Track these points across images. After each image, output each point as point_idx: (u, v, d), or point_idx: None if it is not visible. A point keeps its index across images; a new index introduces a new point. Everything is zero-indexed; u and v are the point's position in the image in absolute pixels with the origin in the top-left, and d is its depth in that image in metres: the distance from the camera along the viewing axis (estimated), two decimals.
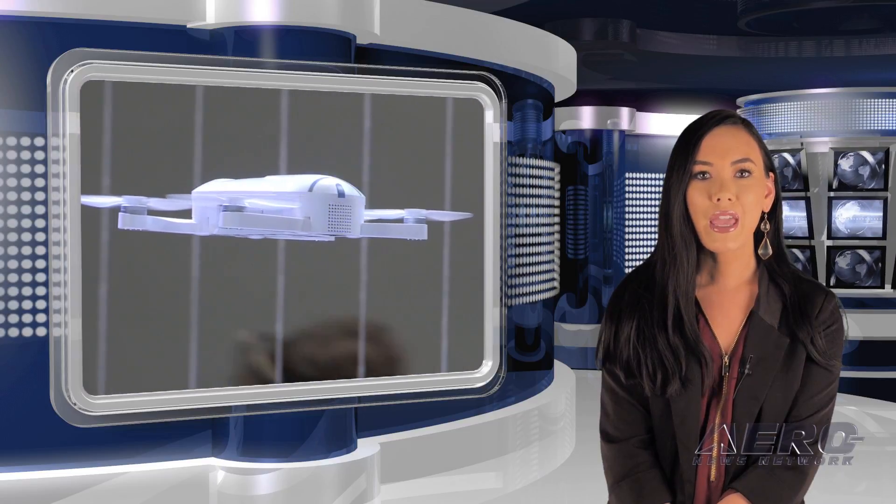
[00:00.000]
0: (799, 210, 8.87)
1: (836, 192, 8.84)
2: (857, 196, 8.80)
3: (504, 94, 4.88)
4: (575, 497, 5.59)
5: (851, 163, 8.78)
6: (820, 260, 8.86)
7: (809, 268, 8.79)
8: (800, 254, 8.86)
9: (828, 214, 8.82)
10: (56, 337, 4.03)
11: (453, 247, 4.78)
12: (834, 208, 8.81)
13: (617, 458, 2.05)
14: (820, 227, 8.88)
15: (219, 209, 4.21)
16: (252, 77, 4.30)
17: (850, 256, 8.77)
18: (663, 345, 1.97)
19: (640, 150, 10.20)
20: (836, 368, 2.01)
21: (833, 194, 8.85)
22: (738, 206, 1.94)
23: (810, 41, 9.77)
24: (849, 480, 5.82)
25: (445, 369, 4.82)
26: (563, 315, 9.82)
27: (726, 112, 2.03)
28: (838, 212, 8.81)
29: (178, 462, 4.37)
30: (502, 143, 4.90)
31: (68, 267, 4.01)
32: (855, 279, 8.76)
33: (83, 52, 4.03)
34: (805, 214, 8.84)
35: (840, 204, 8.81)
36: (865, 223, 8.80)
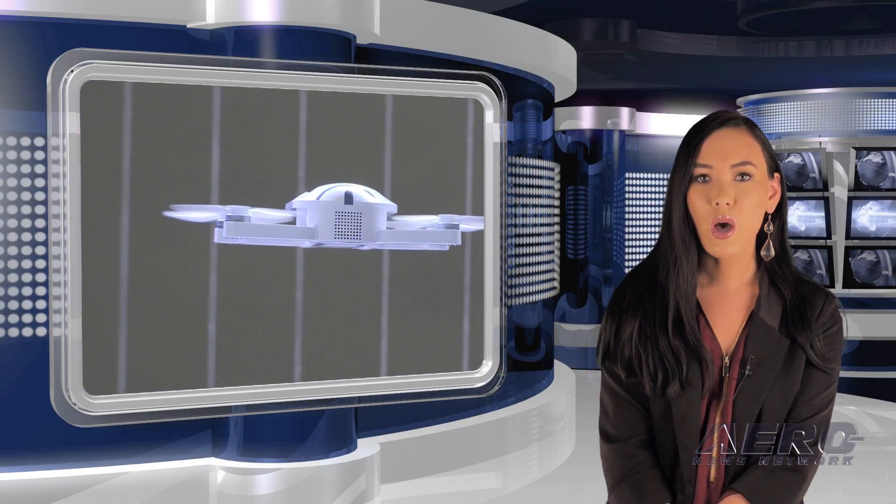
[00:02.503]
0: (818, 210, 8.82)
1: (855, 192, 8.82)
2: (878, 196, 8.78)
3: (504, 94, 4.88)
4: (575, 497, 5.59)
5: (873, 161, 8.74)
6: (837, 260, 8.83)
7: (826, 268, 8.74)
8: (819, 254, 8.81)
9: (847, 214, 8.78)
10: (56, 337, 4.03)
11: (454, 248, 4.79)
12: (854, 208, 8.78)
13: (617, 458, 2.05)
14: (838, 228, 8.85)
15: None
16: (252, 77, 4.30)
17: (869, 256, 8.74)
18: (664, 346, 1.97)
19: (640, 150, 10.20)
20: (836, 371, 2.01)
21: (853, 194, 8.82)
22: (736, 211, 1.94)
23: (810, 41, 9.77)
24: (849, 480, 5.82)
25: (447, 369, 4.83)
26: (563, 315, 9.82)
27: (729, 114, 2.02)
28: (858, 212, 8.77)
29: (178, 462, 4.38)
30: (502, 143, 4.90)
31: (68, 267, 4.02)
32: (874, 279, 8.73)
33: (83, 52, 4.04)
34: (823, 214, 8.79)
35: (860, 204, 8.78)
36: (887, 223, 8.78)
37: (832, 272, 8.76)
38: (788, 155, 8.82)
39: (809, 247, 8.81)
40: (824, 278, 8.70)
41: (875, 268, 8.74)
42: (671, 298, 1.98)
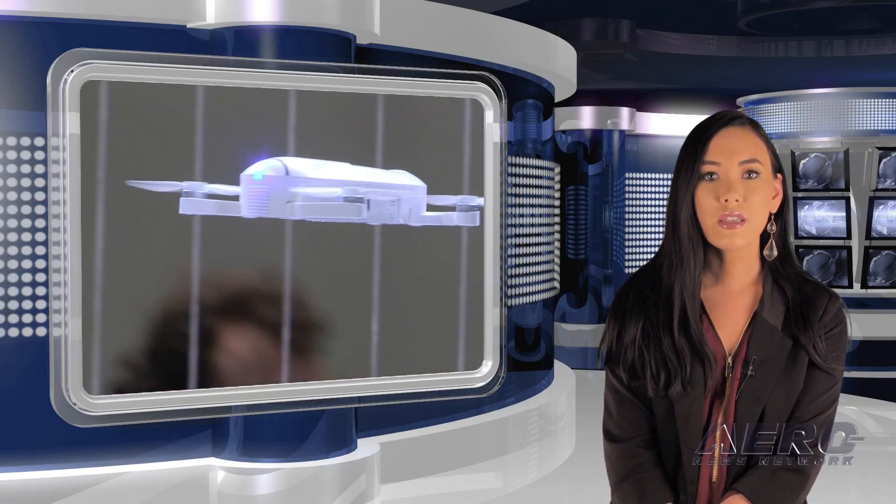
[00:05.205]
0: (838, 210, 8.79)
1: (877, 192, 8.80)
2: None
3: (504, 94, 4.88)
4: (575, 497, 5.59)
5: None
6: (857, 260, 8.81)
7: (845, 268, 8.70)
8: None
9: (868, 214, 8.76)
10: (56, 337, 4.03)
11: (454, 246, 4.79)
12: (875, 208, 8.76)
13: (619, 457, 2.05)
14: (859, 228, 8.83)
15: None
16: (252, 77, 4.30)
17: (887, 257, 8.72)
18: (668, 347, 1.97)
19: (640, 150, 10.20)
20: (839, 371, 2.01)
21: (874, 194, 8.81)
22: (745, 208, 1.94)
23: (810, 41, 9.78)
24: (849, 480, 5.82)
25: (450, 369, 4.82)
26: (563, 315, 9.82)
27: (734, 113, 2.03)
28: (879, 212, 8.75)
29: (178, 462, 4.37)
30: (502, 144, 4.90)
31: (68, 267, 4.01)
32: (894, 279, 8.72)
33: (83, 52, 4.03)
34: (844, 215, 8.77)
35: (881, 204, 8.76)
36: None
37: (850, 272, 8.71)
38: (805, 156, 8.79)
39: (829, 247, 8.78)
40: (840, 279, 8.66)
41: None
42: (676, 297, 1.98)
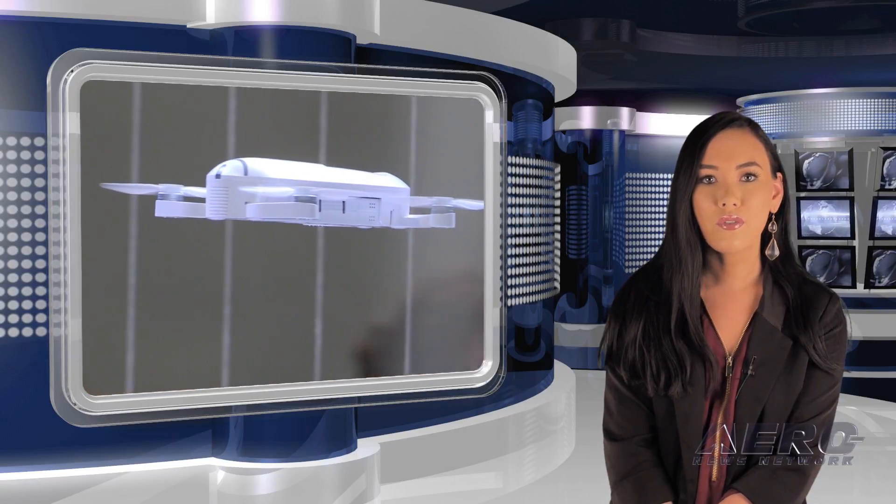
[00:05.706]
0: (842, 210, 8.78)
1: (881, 192, 8.79)
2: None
3: (504, 94, 4.88)
4: (575, 497, 5.59)
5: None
6: (860, 260, 8.80)
7: (848, 268, 8.69)
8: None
9: (872, 214, 8.76)
10: (56, 337, 4.03)
11: (452, 246, 4.79)
12: (879, 208, 8.75)
13: (619, 456, 2.05)
14: (863, 228, 8.82)
15: None
16: (252, 77, 4.30)
17: (891, 256, 8.71)
18: (668, 348, 1.97)
19: (640, 150, 10.20)
20: (839, 372, 2.01)
21: (878, 194, 8.81)
22: (743, 211, 1.94)
23: (810, 41, 9.78)
24: (849, 480, 5.82)
25: (446, 369, 4.82)
26: (563, 315, 9.82)
27: (732, 115, 2.02)
28: (884, 212, 8.74)
29: (178, 462, 4.37)
30: (502, 144, 4.90)
31: (68, 267, 4.01)
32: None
33: (83, 52, 4.03)
34: (848, 214, 8.76)
35: (886, 204, 8.75)
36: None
37: (854, 272, 8.70)
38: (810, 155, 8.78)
39: (834, 247, 8.77)
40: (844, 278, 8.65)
41: None
42: (675, 299, 1.98)
